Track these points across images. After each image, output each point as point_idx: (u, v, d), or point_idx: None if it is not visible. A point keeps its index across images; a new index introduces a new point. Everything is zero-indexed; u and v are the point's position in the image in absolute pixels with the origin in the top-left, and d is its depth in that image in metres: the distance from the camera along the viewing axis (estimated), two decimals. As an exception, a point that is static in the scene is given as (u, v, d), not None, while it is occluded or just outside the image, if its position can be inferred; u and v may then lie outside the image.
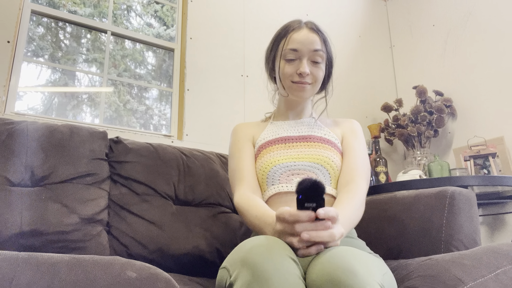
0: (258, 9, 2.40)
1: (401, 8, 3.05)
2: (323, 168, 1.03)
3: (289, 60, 1.09)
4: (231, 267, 0.71)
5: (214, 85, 2.12)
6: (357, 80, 2.78)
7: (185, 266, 1.20)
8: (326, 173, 1.04)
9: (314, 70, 1.09)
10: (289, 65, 1.09)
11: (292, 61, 1.09)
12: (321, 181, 0.70)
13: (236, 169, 1.09)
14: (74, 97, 1.91)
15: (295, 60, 1.09)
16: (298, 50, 1.08)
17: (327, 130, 1.14)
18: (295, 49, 1.08)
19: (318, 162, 1.04)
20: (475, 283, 0.80)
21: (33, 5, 1.78)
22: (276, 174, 1.04)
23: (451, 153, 2.55)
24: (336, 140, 1.12)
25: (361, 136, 1.15)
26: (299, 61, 1.08)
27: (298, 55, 1.08)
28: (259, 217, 0.91)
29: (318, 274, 0.66)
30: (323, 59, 1.10)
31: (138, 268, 0.67)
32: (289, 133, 1.13)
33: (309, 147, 1.07)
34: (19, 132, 1.12)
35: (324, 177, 1.03)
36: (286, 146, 1.09)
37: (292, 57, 1.09)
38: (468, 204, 1.08)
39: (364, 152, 1.10)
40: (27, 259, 0.62)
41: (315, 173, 1.03)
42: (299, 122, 1.16)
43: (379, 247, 1.19)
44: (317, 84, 1.11)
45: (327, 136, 1.12)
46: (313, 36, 1.09)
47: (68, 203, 1.08)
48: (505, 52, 2.36)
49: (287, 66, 1.09)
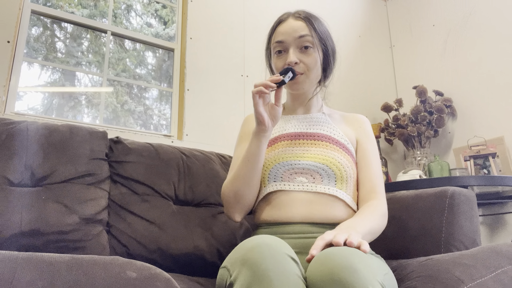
0: (258, 9, 2.40)
1: (401, 8, 3.05)
2: (328, 169, 0.99)
3: (278, 53, 1.06)
4: (231, 267, 0.71)
5: (214, 85, 2.12)
6: (357, 80, 2.78)
7: (185, 266, 1.20)
8: (331, 174, 1.00)
9: (304, 58, 1.03)
10: (278, 58, 1.06)
11: (281, 53, 1.05)
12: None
13: (236, 159, 1.09)
14: (74, 97, 1.91)
15: (283, 52, 1.05)
16: (283, 41, 1.04)
17: (337, 130, 1.08)
18: (280, 40, 1.05)
19: (324, 163, 1.00)
20: (475, 283, 0.80)
21: (33, 5, 1.78)
22: (279, 171, 1.01)
23: (451, 153, 2.55)
24: (346, 141, 1.06)
25: (373, 137, 1.12)
26: (287, 52, 1.04)
27: (284, 46, 1.05)
28: (242, 156, 1.00)
29: (319, 273, 0.66)
30: (313, 44, 1.04)
31: (138, 268, 0.67)
32: (296, 129, 1.08)
33: (316, 146, 1.03)
34: (19, 132, 1.12)
35: (329, 178, 1.00)
36: (292, 143, 1.05)
37: (280, 48, 1.05)
38: (468, 204, 1.08)
39: (378, 157, 1.09)
40: (27, 259, 0.61)
41: (320, 173, 1.00)
42: (308, 117, 1.11)
43: (379, 247, 1.19)
44: (313, 72, 1.04)
45: (336, 136, 1.07)
46: (297, 24, 1.05)
47: (68, 203, 1.08)
48: (505, 52, 2.36)
49: (277, 60, 1.06)
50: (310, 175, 1.00)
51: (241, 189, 1.00)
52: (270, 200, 1.01)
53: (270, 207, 1.01)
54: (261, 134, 0.98)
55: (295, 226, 0.95)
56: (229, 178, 1.03)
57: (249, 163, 0.98)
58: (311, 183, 0.99)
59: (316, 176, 1.00)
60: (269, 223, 1.00)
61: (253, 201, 1.03)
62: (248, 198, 1.01)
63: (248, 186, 0.99)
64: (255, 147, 0.98)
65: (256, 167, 0.99)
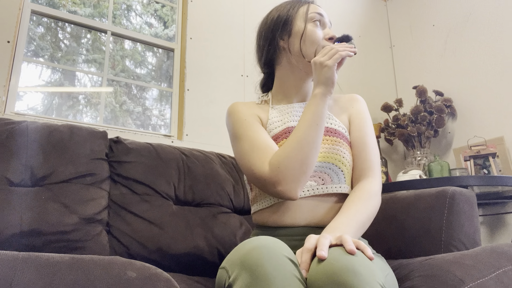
0: (258, 9, 2.40)
1: (401, 8, 3.05)
2: (335, 167, 0.95)
3: (316, 22, 1.03)
4: (230, 268, 0.70)
5: (214, 85, 2.12)
6: (357, 80, 2.78)
7: (185, 266, 1.20)
8: (339, 172, 0.95)
9: None
10: (317, 28, 1.03)
11: (317, 25, 1.03)
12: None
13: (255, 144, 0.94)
14: (73, 97, 1.91)
15: (320, 25, 1.04)
16: (324, 16, 1.05)
17: (333, 118, 1.03)
18: (321, 13, 1.04)
19: (330, 161, 0.95)
20: (475, 283, 0.80)
21: (33, 5, 1.78)
22: None
23: (451, 153, 2.55)
24: (343, 129, 1.01)
25: (369, 116, 1.06)
26: (324, 27, 1.05)
27: (323, 20, 1.05)
28: (305, 120, 0.92)
29: (319, 274, 0.65)
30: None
31: (138, 268, 0.67)
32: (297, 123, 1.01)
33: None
34: (19, 132, 1.12)
35: (337, 176, 0.95)
36: None
37: (319, 20, 1.04)
38: (468, 204, 1.08)
39: (373, 136, 1.03)
40: (27, 259, 0.61)
41: (327, 173, 0.95)
42: (304, 106, 1.06)
43: (379, 247, 1.19)
44: None
45: (334, 125, 1.01)
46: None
47: (68, 203, 1.08)
48: (505, 52, 2.36)
49: (317, 29, 1.03)
50: (319, 177, 0.95)
51: (310, 156, 0.89)
52: (275, 208, 0.96)
53: (274, 213, 0.96)
54: (328, 96, 0.94)
55: (298, 229, 0.93)
56: (290, 146, 0.89)
57: (318, 126, 0.91)
58: (321, 185, 0.94)
59: (325, 177, 0.95)
60: (270, 227, 0.97)
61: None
62: (313, 168, 0.91)
63: (316, 152, 0.91)
64: (322, 109, 0.93)
65: (322, 130, 0.92)
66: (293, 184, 0.87)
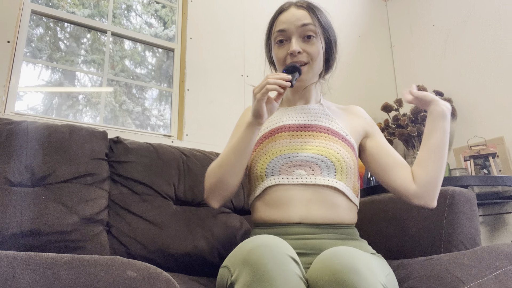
0: (258, 9, 2.40)
1: (401, 8, 3.05)
2: (327, 160, 0.97)
3: (280, 42, 1.03)
4: (232, 267, 0.71)
5: (214, 85, 2.12)
6: (357, 80, 2.78)
7: (185, 266, 1.20)
8: (331, 165, 0.97)
9: (307, 47, 1.01)
10: (280, 48, 1.03)
11: (282, 43, 1.03)
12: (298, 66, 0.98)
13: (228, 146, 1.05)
14: (73, 97, 1.91)
15: (285, 41, 1.03)
16: (285, 30, 1.02)
17: (336, 122, 1.06)
18: (282, 29, 1.02)
19: (323, 154, 0.97)
20: (475, 283, 0.80)
21: (33, 5, 1.78)
22: (277, 164, 0.98)
23: (451, 153, 2.55)
24: (344, 133, 1.04)
25: (377, 127, 1.12)
26: (289, 41, 1.02)
27: (287, 35, 1.02)
28: (232, 145, 0.99)
29: (321, 274, 0.65)
30: (316, 33, 1.02)
31: (138, 268, 0.67)
32: (294, 121, 1.05)
33: (315, 138, 1.01)
34: (19, 132, 1.12)
35: (328, 169, 0.97)
36: (290, 135, 1.02)
37: (282, 37, 1.02)
38: (468, 204, 1.08)
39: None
40: (27, 259, 0.61)
41: (319, 165, 0.97)
42: (305, 108, 1.08)
43: (379, 247, 1.19)
44: (316, 62, 1.03)
45: (335, 128, 1.04)
46: (300, 12, 1.03)
47: (68, 203, 1.08)
48: (505, 52, 2.36)
49: (279, 50, 1.04)
50: (309, 167, 0.97)
51: (225, 176, 0.98)
52: (267, 196, 0.99)
53: (268, 205, 0.98)
54: (256, 127, 0.97)
55: (293, 228, 0.93)
56: (216, 164, 1.01)
57: (238, 152, 0.97)
58: (310, 175, 0.96)
59: (315, 168, 0.97)
60: (267, 224, 0.98)
61: (235, 190, 1.02)
62: (231, 186, 1.00)
63: (234, 174, 0.98)
64: (247, 138, 0.97)
65: (244, 157, 0.98)
66: (211, 195, 1.02)
